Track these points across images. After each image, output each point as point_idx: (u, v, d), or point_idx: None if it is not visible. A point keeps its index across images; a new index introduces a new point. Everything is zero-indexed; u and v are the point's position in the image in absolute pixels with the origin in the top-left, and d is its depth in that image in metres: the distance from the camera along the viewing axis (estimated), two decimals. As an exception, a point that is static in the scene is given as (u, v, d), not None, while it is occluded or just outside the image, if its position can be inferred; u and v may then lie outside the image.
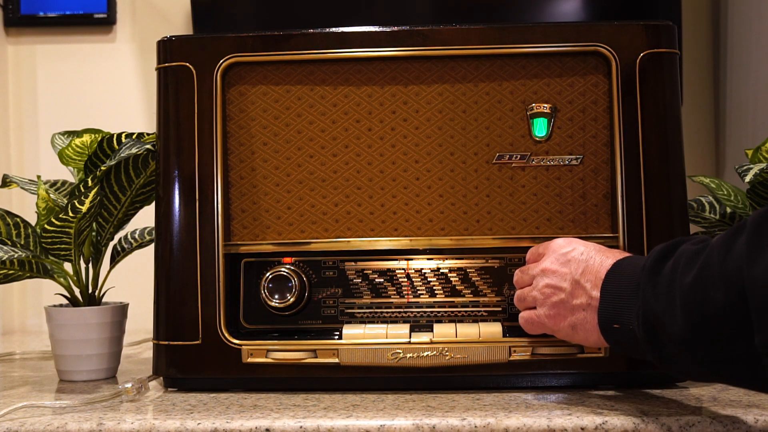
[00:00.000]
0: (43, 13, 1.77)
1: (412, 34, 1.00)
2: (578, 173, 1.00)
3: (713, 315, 0.70)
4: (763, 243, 0.66)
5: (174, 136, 1.02)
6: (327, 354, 0.98)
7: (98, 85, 1.79)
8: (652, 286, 0.77)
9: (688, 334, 0.72)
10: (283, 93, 1.02)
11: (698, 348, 0.73)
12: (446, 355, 0.97)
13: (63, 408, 0.93)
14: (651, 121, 0.99)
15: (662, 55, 1.00)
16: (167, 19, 1.79)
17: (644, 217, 0.98)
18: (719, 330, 0.70)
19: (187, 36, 1.05)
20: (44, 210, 1.10)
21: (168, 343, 1.01)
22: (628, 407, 0.88)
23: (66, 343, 1.09)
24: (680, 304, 0.73)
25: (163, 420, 0.87)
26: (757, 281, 0.66)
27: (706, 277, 0.70)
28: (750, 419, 0.83)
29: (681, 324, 0.73)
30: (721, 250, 0.70)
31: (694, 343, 0.73)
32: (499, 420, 0.84)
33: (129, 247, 1.17)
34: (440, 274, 1.02)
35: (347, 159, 1.02)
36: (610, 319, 0.82)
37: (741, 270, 0.67)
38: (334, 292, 1.03)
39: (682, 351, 0.75)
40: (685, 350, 0.74)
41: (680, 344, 0.74)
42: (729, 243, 0.70)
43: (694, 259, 0.73)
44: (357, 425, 0.84)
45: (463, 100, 1.01)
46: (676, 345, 0.75)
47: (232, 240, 1.02)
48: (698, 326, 0.71)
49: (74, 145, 1.11)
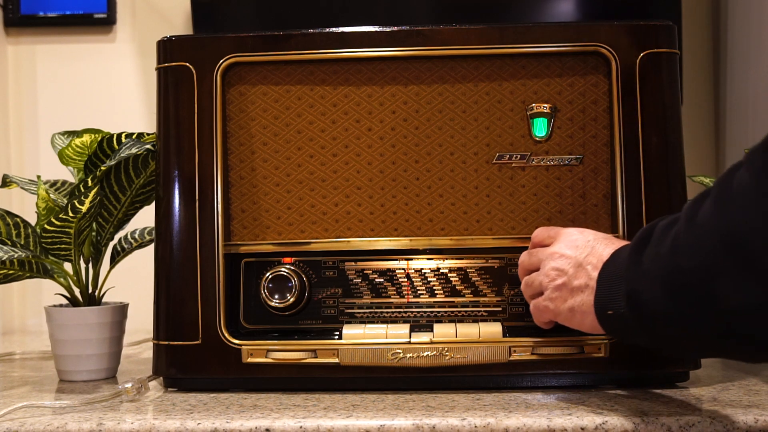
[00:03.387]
0: (43, 13, 1.77)
1: (412, 34, 1.00)
2: (578, 173, 1.00)
3: (688, 281, 0.70)
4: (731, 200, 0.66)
5: (174, 136, 1.02)
6: (327, 354, 0.98)
7: (98, 85, 1.79)
8: (634, 266, 0.77)
9: (669, 308, 0.73)
10: (283, 93, 1.02)
11: (678, 321, 0.73)
12: (446, 355, 0.97)
13: (63, 408, 0.93)
14: (651, 121, 0.99)
15: (662, 55, 1.00)
16: (167, 19, 1.78)
17: (644, 217, 0.98)
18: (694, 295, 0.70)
19: (187, 36, 1.05)
20: (44, 210, 1.10)
21: (168, 343, 1.01)
22: (628, 407, 0.88)
23: (66, 343, 1.09)
24: (659, 279, 0.73)
25: (163, 420, 0.87)
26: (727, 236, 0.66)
27: (676, 246, 0.71)
28: (750, 419, 0.83)
29: (661, 299, 0.73)
30: (686, 218, 0.71)
31: (675, 316, 0.73)
32: (499, 420, 0.84)
33: (129, 247, 1.17)
34: (440, 274, 1.02)
35: (347, 159, 1.02)
36: (605, 306, 0.82)
37: (710, 233, 0.67)
38: (334, 292, 1.03)
39: (666, 327, 0.75)
40: (669, 325, 0.74)
41: (663, 319, 0.74)
42: (695, 210, 0.70)
43: (665, 232, 0.74)
44: (357, 425, 0.84)
45: (463, 100, 1.01)
46: (661, 321, 0.75)
47: (232, 240, 1.02)
48: (674, 297, 0.72)
49: (74, 145, 1.11)
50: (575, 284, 0.87)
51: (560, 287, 0.89)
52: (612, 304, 0.81)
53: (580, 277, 0.87)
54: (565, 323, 0.90)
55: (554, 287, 0.89)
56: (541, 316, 0.93)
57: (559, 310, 0.89)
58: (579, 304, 0.86)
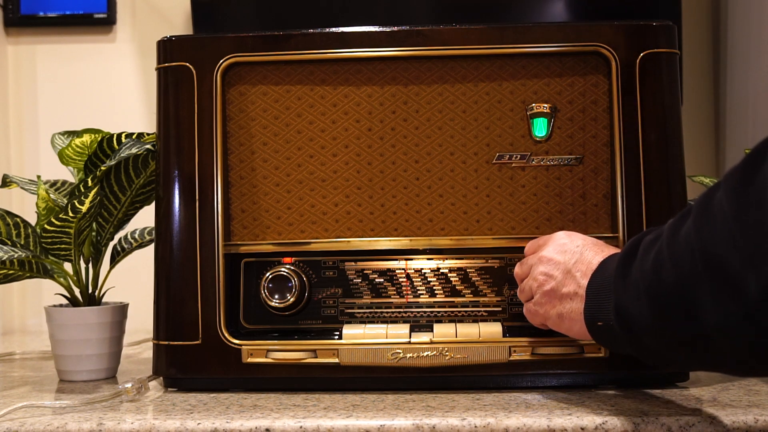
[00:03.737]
0: (43, 13, 1.77)
1: (412, 34, 1.00)
2: (578, 173, 1.00)
3: (669, 295, 0.70)
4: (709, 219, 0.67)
5: (174, 136, 1.02)
6: (327, 354, 0.98)
7: (98, 85, 1.79)
8: (621, 280, 0.78)
9: (654, 322, 0.73)
10: (283, 93, 1.02)
11: (664, 332, 0.73)
12: (446, 355, 0.97)
13: (63, 408, 0.93)
14: (651, 121, 0.99)
15: (662, 55, 1.00)
16: (167, 19, 1.79)
17: (644, 217, 0.98)
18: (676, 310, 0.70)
19: (187, 36, 1.05)
20: (44, 210, 1.10)
21: (168, 343, 1.01)
22: (628, 407, 0.88)
23: (66, 343, 1.09)
24: (643, 293, 0.74)
25: (163, 420, 0.87)
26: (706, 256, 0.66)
27: (659, 261, 0.71)
28: (750, 419, 0.83)
29: (646, 313, 0.74)
30: (670, 234, 0.71)
31: (660, 327, 0.73)
32: (499, 420, 0.84)
33: (129, 247, 1.17)
34: (440, 274, 1.02)
35: (347, 159, 1.02)
36: (594, 316, 0.83)
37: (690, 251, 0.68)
38: (334, 292, 1.03)
39: (653, 341, 0.75)
40: (655, 339, 0.75)
41: (649, 333, 0.75)
42: (677, 226, 0.71)
43: (651, 246, 0.74)
44: (357, 425, 0.84)
45: (463, 100, 1.01)
46: (647, 335, 0.75)
47: (232, 240, 1.02)
48: (659, 309, 0.72)
49: (74, 145, 1.11)
50: (564, 291, 0.87)
51: (549, 293, 0.89)
52: (602, 315, 0.81)
53: (569, 284, 0.87)
54: (554, 328, 0.90)
55: (543, 293, 0.90)
56: (532, 318, 0.93)
57: (548, 315, 0.90)
58: (568, 311, 0.87)
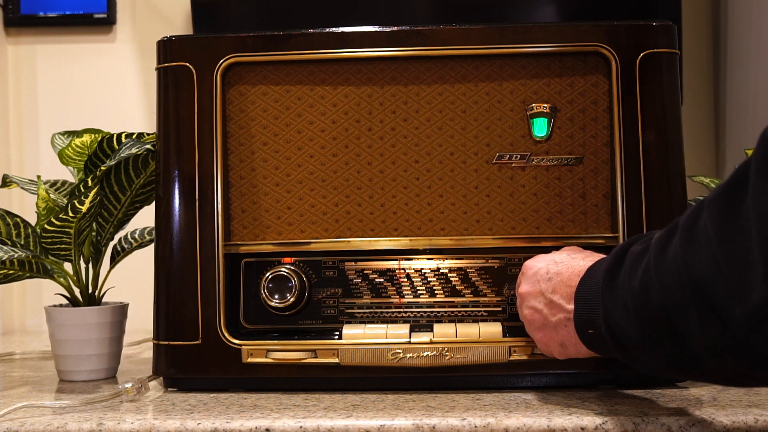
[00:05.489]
0: (43, 13, 1.77)
1: (412, 34, 1.00)
2: (578, 173, 1.00)
3: (657, 317, 0.71)
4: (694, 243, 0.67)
5: (174, 136, 1.02)
6: (327, 354, 0.98)
7: (98, 85, 1.79)
8: (609, 291, 0.78)
9: (642, 336, 0.74)
10: (283, 93, 1.02)
11: (653, 350, 0.74)
12: (446, 355, 0.97)
13: (63, 408, 0.93)
14: (651, 121, 0.99)
15: (662, 55, 1.00)
16: (167, 19, 1.78)
17: (644, 217, 0.98)
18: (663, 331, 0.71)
19: (187, 36, 1.05)
20: (44, 210, 1.10)
21: (168, 343, 1.01)
22: (628, 407, 0.88)
23: (66, 343, 1.09)
24: (632, 308, 0.74)
25: (163, 420, 0.87)
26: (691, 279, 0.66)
27: (647, 281, 0.71)
28: (750, 419, 0.83)
29: (635, 328, 0.74)
30: (657, 252, 0.71)
31: (648, 345, 0.74)
32: (499, 420, 0.84)
33: (129, 247, 1.16)
34: (440, 274, 1.02)
35: (347, 159, 1.02)
36: (584, 325, 0.83)
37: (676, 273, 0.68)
38: (334, 292, 1.03)
39: (642, 353, 0.76)
40: (644, 353, 0.75)
41: (638, 347, 0.75)
42: (664, 244, 0.71)
43: (638, 260, 0.74)
44: (357, 425, 0.84)
45: (463, 100, 1.01)
46: (636, 348, 0.76)
47: (232, 240, 1.02)
48: (647, 329, 0.73)
49: (74, 145, 1.11)
50: (554, 321, 0.88)
51: (541, 328, 0.90)
52: (592, 324, 0.81)
53: (556, 313, 0.87)
54: (561, 357, 0.90)
55: (536, 329, 0.90)
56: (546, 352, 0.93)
57: (552, 350, 0.90)
58: (567, 337, 0.87)
